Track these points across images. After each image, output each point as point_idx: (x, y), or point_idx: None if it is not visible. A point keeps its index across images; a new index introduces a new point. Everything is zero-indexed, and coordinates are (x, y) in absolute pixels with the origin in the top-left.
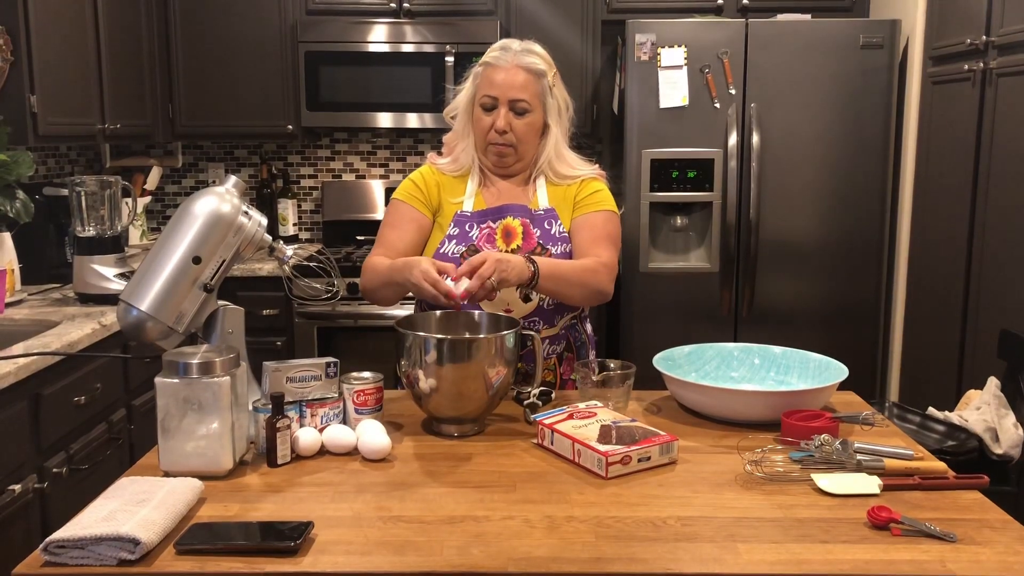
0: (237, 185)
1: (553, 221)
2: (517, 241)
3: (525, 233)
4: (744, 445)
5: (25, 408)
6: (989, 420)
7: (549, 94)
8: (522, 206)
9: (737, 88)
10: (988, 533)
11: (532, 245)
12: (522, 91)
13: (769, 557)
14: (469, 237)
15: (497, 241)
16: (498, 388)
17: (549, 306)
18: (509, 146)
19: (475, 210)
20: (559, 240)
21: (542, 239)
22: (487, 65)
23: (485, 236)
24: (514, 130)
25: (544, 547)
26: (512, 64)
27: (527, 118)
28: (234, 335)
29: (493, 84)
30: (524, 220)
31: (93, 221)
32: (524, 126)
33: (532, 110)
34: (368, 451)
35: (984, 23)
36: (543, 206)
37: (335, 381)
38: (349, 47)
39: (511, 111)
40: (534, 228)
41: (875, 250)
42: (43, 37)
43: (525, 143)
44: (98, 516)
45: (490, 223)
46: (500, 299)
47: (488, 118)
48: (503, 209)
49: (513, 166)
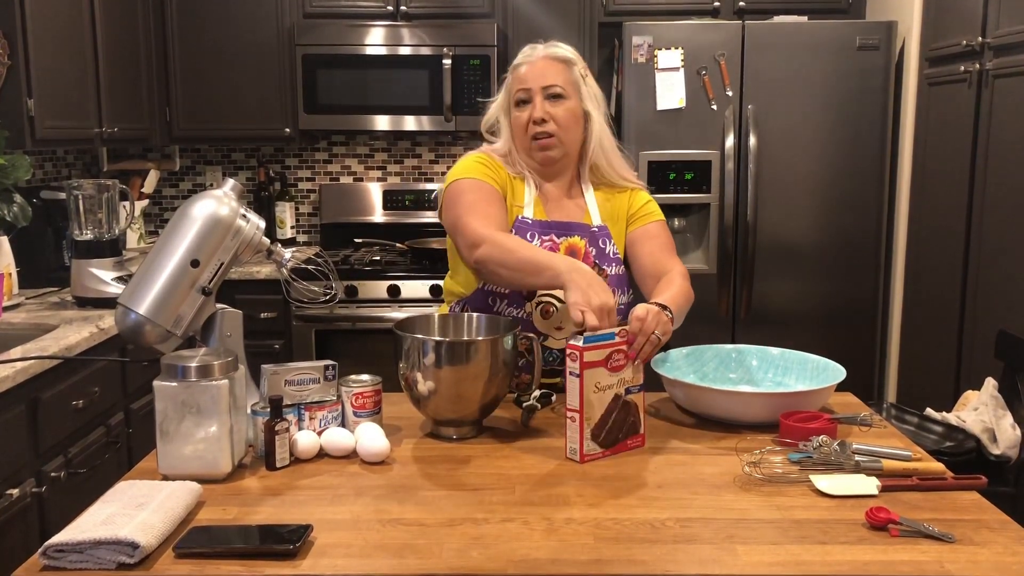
0: (235, 188)
1: (607, 240)
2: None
3: (586, 253)
4: (742, 446)
5: (23, 412)
6: (987, 421)
7: (583, 82)
8: (583, 224)
9: (734, 90)
10: (986, 534)
11: (590, 265)
12: (554, 77)
13: (768, 558)
14: None
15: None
16: (497, 391)
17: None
18: (551, 136)
19: (535, 218)
20: (612, 261)
21: (597, 258)
22: (516, 67)
23: (547, 249)
24: (554, 117)
25: (543, 549)
26: (539, 57)
27: (564, 104)
28: (232, 338)
29: (524, 79)
30: (583, 239)
31: (91, 225)
32: (563, 112)
33: (568, 96)
34: (367, 454)
35: (980, 24)
36: (596, 223)
37: (333, 384)
38: (346, 50)
39: (546, 99)
40: (590, 247)
41: (872, 251)
42: (40, 40)
43: (566, 129)
44: (97, 520)
45: (554, 238)
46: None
47: (525, 113)
48: (569, 227)
49: (560, 160)
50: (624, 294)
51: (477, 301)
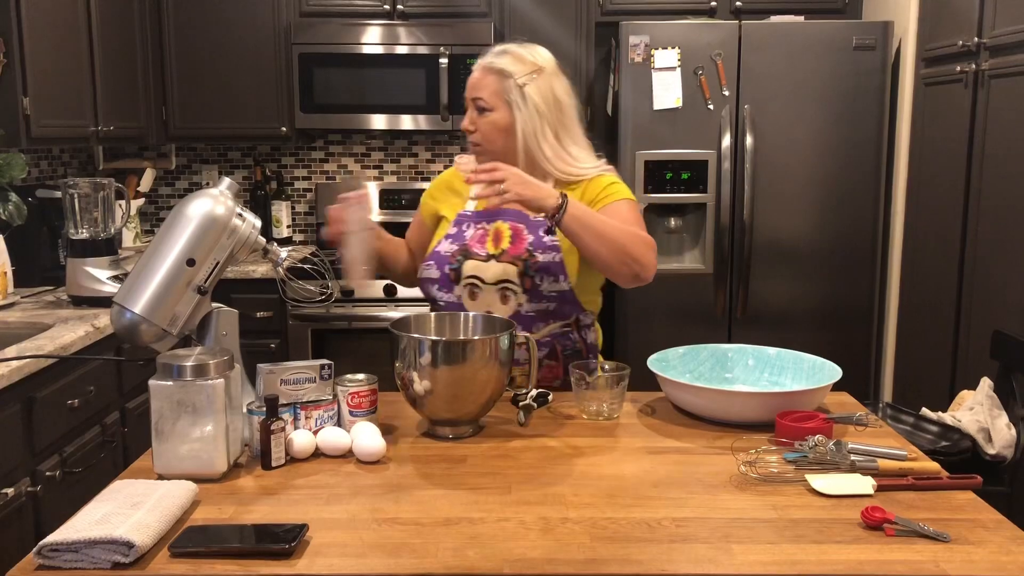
0: (231, 187)
1: None
2: (504, 244)
3: (515, 237)
4: (738, 446)
5: (18, 411)
6: (982, 420)
7: (516, 92)
8: (518, 211)
9: (731, 90)
10: (981, 533)
11: (520, 250)
12: (480, 90)
13: (763, 558)
14: (463, 236)
15: (487, 243)
16: (493, 390)
17: (529, 312)
18: (476, 144)
19: (476, 211)
20: (549, 248)
21: (532, 245)
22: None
23: (478, 237)
24: (478, 128)
25: (539, 548)
26: (479, 66)
27: (488, 116)
28: (228, 337)
29: (466, 86)
30: (516, 225)
31: (86, 223)
32: (485, 124)
33: (493, 109)
34: (363, 453)
35: (976, 25)
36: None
37: (329, 383)
38: (343, 49)
39: (474, 110)
40: (528, 233)
41: (868, 251)
42: (36, 39)
43: (489, 141)
44: (92, 519)
45: (484, 224)
46: (483, 300)
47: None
48: (498, 213)
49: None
50: (556, 281)
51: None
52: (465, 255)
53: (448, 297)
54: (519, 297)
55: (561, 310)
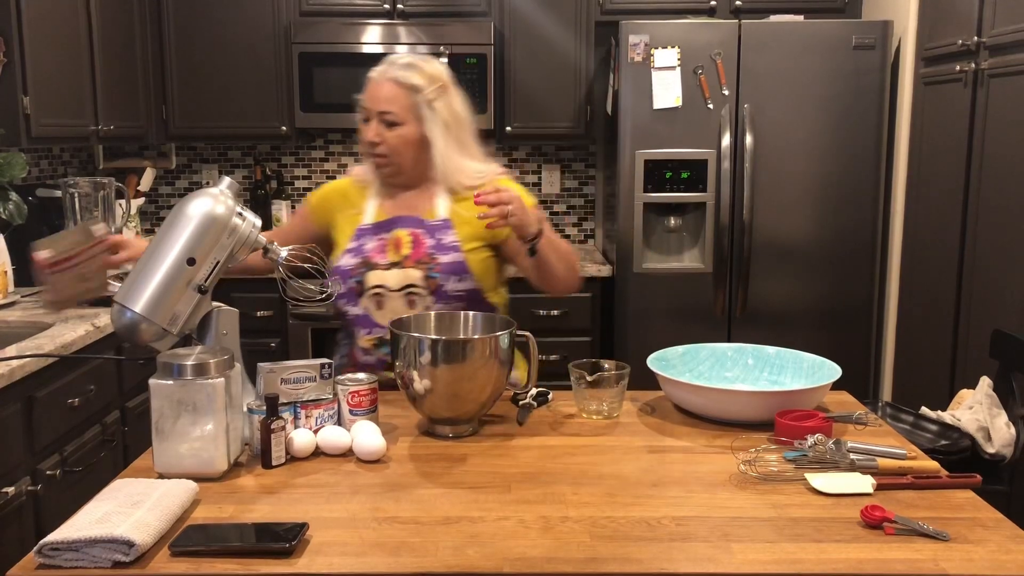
0: (231, 186)
1: (447, 231)
2: (405, 251)
3: (415, 243)
4: (738, 445)
5: (18, 410)
6: (981, 419)
7: (426, 107)
8: (414, 217)
9: (730, 89)
10: (981, 532)
11: (421, 255)
12: (390, 104)
13: (763, 556)
14: (363, 249)
15: (388, 252)
16: (493, 389)
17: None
18: (382, 156)
19: (374, 222)
20: (449, 249)
21: (432, 249)
22: (367, 79)
23: (378, 247)
24: (386, 142)
25: (539, 547)
26: (384, 78)
27: (397, 130)
28: (228, 336)
29: (367, 97)
30: (414, 231)
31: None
32: (395, 138)
33: (403, 123)
34: (363, 452)
35: (975, 24)
36: (440, 217)
37: (329, 382)
38: (343, 48)
39: (381, 123)
40: (427, 238)
41: (868, 250)
42: (36, 38)
43: (398, 155)
44: (92, 518)
45: (383, 235)
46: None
47: (366, 129)
48: (394, 221)
49: (396, 177)
50: (461, 280)
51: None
52: (367, 266)
53: (355, 309)
54: (425, 300)
55: (468, 308)
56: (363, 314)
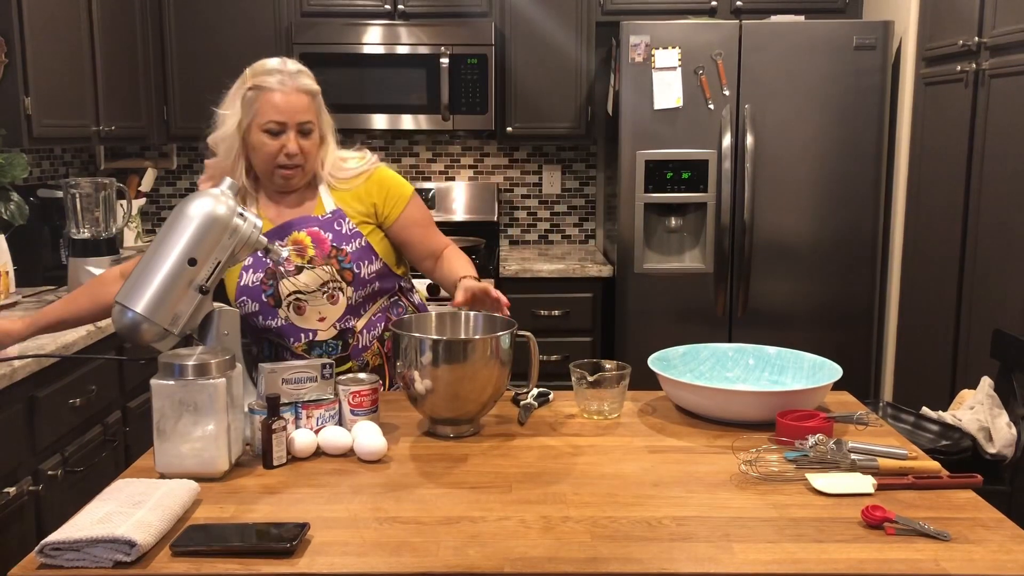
0: (232, 187)
1: (342, 220)
2: (310, 252)
3: (316, 241)
4: (739, 445)
5: (20, 410)
6: (982, 420)
7: (323, 108)
8: (305, 216)
9: (731, 89)
10: (981, 532)
11: (327, 250)
12: (307, 113)
13: (764, 556)
14: (263, 262)
15: (291, 257)
16: (494, 389)
17: (358, 300)
18: (298, 167)
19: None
20: (351, 237)
21: (335, 241)
22: (264, 90)
23: None
24: (303, 150)
25: (540, 547)
26: (293, 88)
27: (311, 137)
28: (229, 337)
29: (279, 110)
30: (311, 230)
31: (88, 223)
32: (310, 145)
33: (315, 128)
34: (364, 452)
35: (976, 24)
36: (329, 209)
37: (331, 383)
38: (344, 49)
39: (299, 133)
40: (325, 233)
41: (869, 250)
42: (38, 39)
43: (311, 160)
44: (94, 518)
45: (278, 242)
46: (311, 310)
47: (275, 143)
48: (287, 226)
49: (301, 182)
50: (371, 263)
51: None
52: (274, 277)
53: (274, 322)
54: (346, 291)
55: (384, 286)
56: (286, 323)
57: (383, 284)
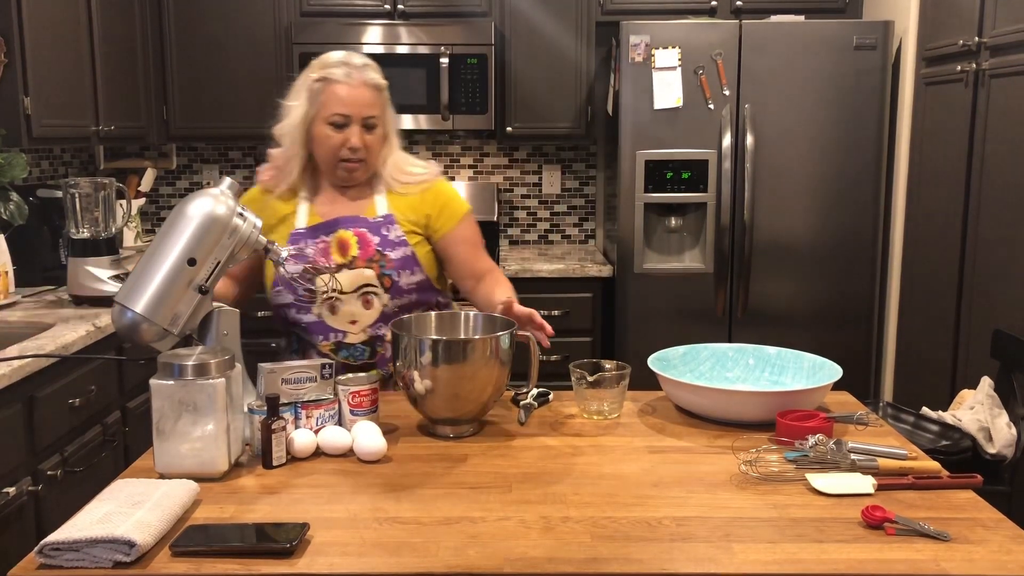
0: (232, 187)
1: (391, 227)
2: (353, 252)
3: (361, 242)
4: (739, 445)
5: (19, 410)
6: (982, 420)
7: (389, 105)
8: (355, 217)
9: (731, 89)
10: (981, 532)
11: (371, 253)
12: (373, 107)
13: (764, 557)
14: (305, 255)
15: (333, 254)
16: (494, 389)
17: (394, 309)
18: (361, 161)
19: (309, 226)
20: (397, 244)
21: (380, 246)
22: (330, 82)
23: (321, 250)
24: (368, 146)
25: (540, 547)
26: (359, 82)
27: (376, 132)
28: (229, 337)
29: (344, 103)
30: (359, 230)
31: (87, 223)
32: (374, 140)
33: (380, 124)
34: (364, 452)
35: (976, 24)
36: (381, 213)
37: (330, 383)
38: (344, 48)
39: (363, 128)
40: (372, 236)
41: (869, 250)
42: (37, 38)
43: (375, 155)
44: (93, 518)
45: (323, 237)
46: (345, 311)
47: (339, 136)
48: (335, 223)
49: (362, 177)
50: (413, 273)
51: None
52: (315, 271)
53: (308, 317)
54: (382, 298)
55: (422, 299)
56: (317, 321)
57: (421, 296)
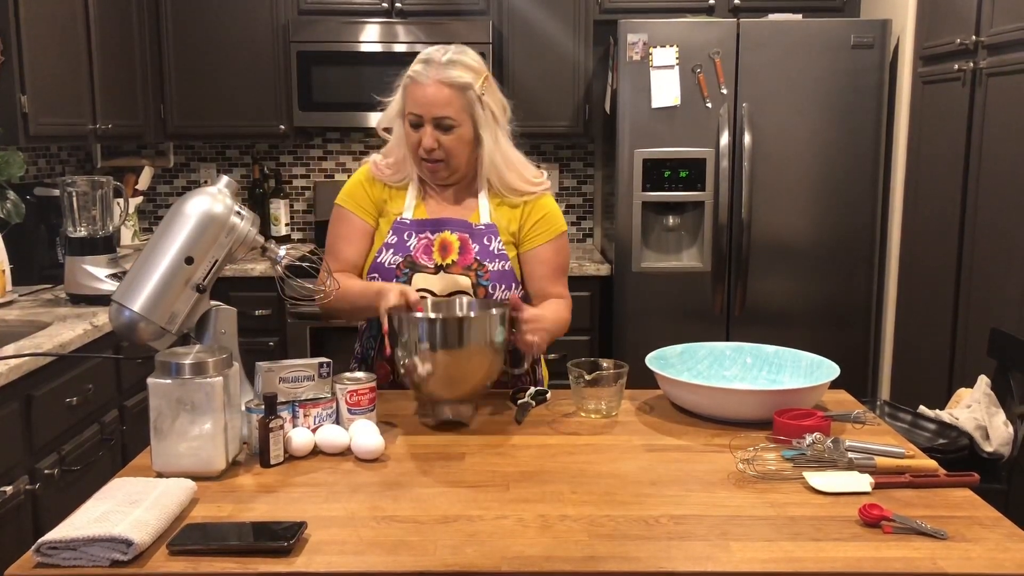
0: (229, 185)
1: (493, 237)
2: (453, 256)
3: (462, 248)
4: (736, 444)
5: (17, 409)
6: (979, 418)
7: (478, 104)
8: (462, 220)
9: (729, 88)
10: (978, 530)
11: (469, 260)
12: (446, 108)
13: (761, 555)
14: (407, 247)
15: (434, 254)
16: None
17: None
18: (440, 162)
19: (415, 218)
20: (496, 257)
21: (480, 255)
22: (411, 80)
23: (423, 247)
24: (443, 146)
25: (538, 546)
26: (434, 80)
27: (455, 133)
28: (227, 335)
29: (416, 102)
30: (462, 235)
31: (84, 221)
32: (452, 141)
33: (459, 124)
34: (361, 451)
35: (974, 23)
36: (484, 221)
37: (328, 381)
38: (341, 47)
39: (437, 128)
40: (473, 243)
41: (866, 249)
42: (34, 37)
43: (456, 157)
44: (91, 517)
45: (428, 234)
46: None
47: (416, 135)
48: (442, 222)
49: (450, 178)
50: (509, 289)
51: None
52: (412, 267)
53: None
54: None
55: None
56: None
57: None
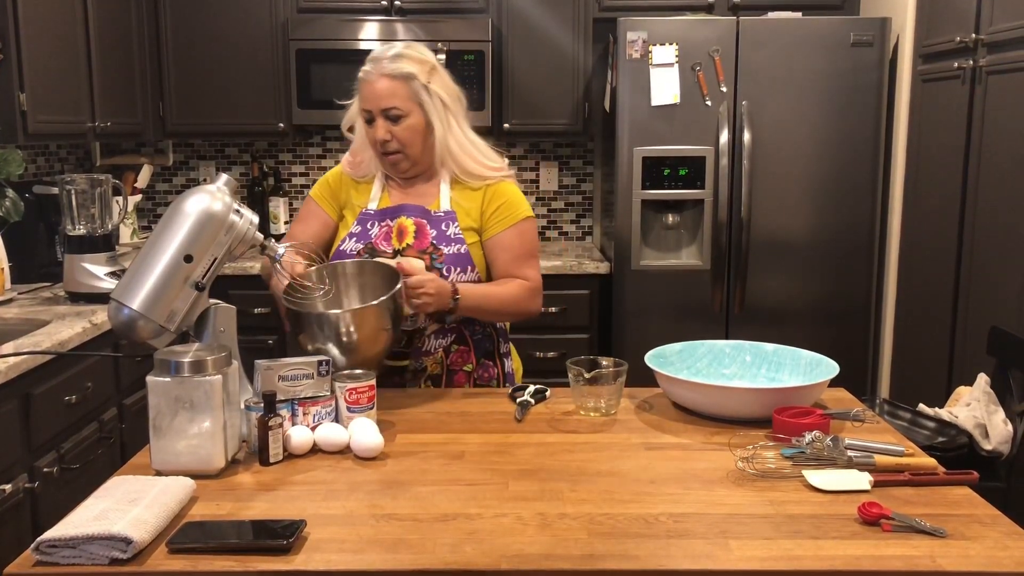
0: (228, 183)
1: (450, 223)
2: (408, 239)
3: (418, 232)
4: (736, 442)
5: (15, 407)
6: (979, 416)
7: (424, 92)
8: (419, 206)
9: (728, 86)
10: (977, 528)
11: (425, 244)
12: (392, 99)
13: (761, 553)
14: (368, 235)
15: (392, 239)
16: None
17: None
18: (397, 152)
19: (378, 208)
20: (453, 241)
21: (436, 239)
22: (361, 79)
23: (383, 234)
24: (396, 137)
25: (537, 544)
26: (379, 75)
27: (404, 123)
28: (226, 333)
29: (366, 97)
30: (418, 220)
31: (83, 220)
32: (404, 131)
33: (407, 114)
34: (360, 449)
35: (974, 21)
36: (444, 208)
37: (327, 379)
38: (340, 45)
39: (387, 120)
40: (431, 228)
41: (866, 247)
42: (33, 35)
43: (411, 147)
44: (90, 515)
45: (388, 221)
46: None
47: (371, 130)
48: (399, 209)
49: (411, 170)
50: (464, 272)
51: None
52: (371, 252)
53: None
54: None
55: None
56: None
57: None
